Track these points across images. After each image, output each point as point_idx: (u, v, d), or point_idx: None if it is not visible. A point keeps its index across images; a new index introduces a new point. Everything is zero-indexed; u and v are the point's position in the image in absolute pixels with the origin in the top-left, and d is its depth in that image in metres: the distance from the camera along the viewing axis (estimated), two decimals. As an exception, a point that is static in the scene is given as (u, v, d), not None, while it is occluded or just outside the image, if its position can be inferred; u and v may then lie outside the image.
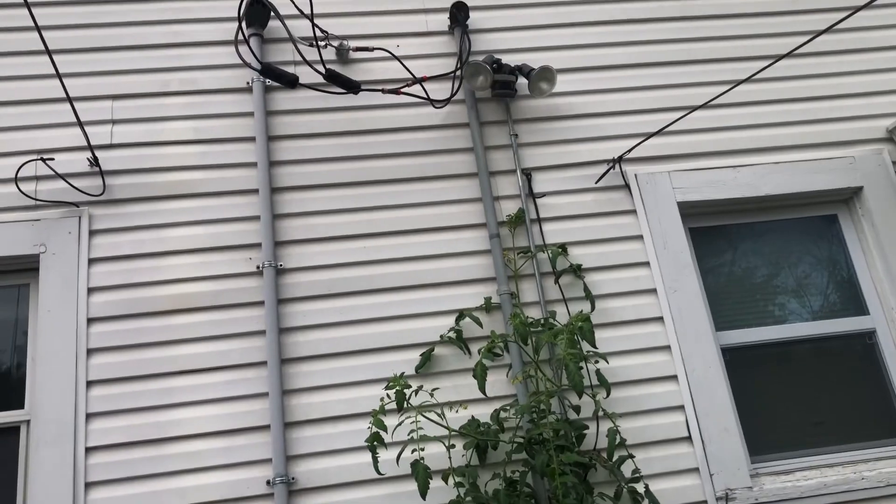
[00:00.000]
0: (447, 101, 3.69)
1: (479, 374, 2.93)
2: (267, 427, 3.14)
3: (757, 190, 3.74)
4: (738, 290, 3.75)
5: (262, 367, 3.23)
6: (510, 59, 3.74)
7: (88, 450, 3.06)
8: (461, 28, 3.79)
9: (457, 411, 3.15)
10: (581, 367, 2.85)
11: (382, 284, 3.43)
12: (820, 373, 3.64)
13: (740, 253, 3.83)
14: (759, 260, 3.83)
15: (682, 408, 3.35)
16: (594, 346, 3.01)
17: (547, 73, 3.61)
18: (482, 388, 2.90)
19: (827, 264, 3.86)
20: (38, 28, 2.71)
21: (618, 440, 2.95)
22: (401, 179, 3.62)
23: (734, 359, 3.56)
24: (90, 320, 3.23)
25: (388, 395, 2.88)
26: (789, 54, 3.04)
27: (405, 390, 2.84)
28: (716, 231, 3.83)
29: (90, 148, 3.34)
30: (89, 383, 3.14)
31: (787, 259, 3.85)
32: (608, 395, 3.11)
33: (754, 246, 3.85)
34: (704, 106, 3.50)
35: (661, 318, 3.48)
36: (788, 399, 3.58)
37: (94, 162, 3.38)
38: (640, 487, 3.06)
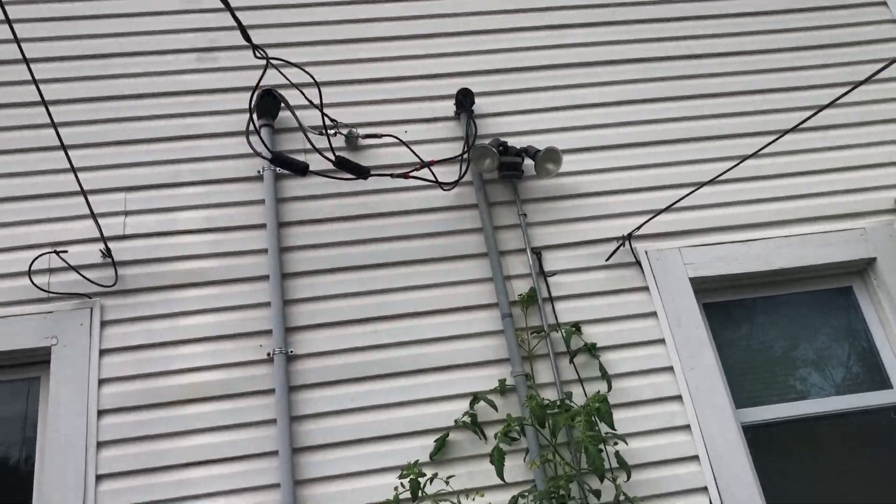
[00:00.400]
0: (455, 184, 3.72)
1: (497, 459, 2.87)
2: (279, 520, 3.07)
3: (769, 264, 3.71)
4: (756, 366, 3.68)
5: (274, 457, 3.16)
6: (516, 142, 3.80)
7: (96, 547, 2.99)
8: (467, 113, 3.86)
9: (473, 499, 3.06)
10: (601, 450, 2.78)
11: (394, 368, 3.39)
12: (845, 449, 3.54)
13: (757, 327, 3.78)
14: (776, 334, 3.78)
15: (705, 489, 3.24)
16: (612, 428, 2.95)
17: (553, 154, 3.65)
18: (500, 474, 2.84)
19: (845, 337, 3.80)
20: (54, 125, 2.79)
21: (641, 526, 2.86)
22: (411, 261, 3.62)
23: (755, 436, 3.47)
24: (101, 412, 3.19)
25: (402, 484, 2.81)
26: (795, 128, 3.06)
27: (419, 478, 2.78)
28: (730, 306, 3.79)
29: (103, 239, 3.37)
30: (99, 477, 3.08)
31: (805, 333, 3.79)
32: (629, 478, 3.03)
33: (770, 320, 3.80)
34: (712, 181, 3.51)
35: (679, 397, 3.41)
36: (813, 478, 3.47)
37: (107, 253, 3.41)
38: (666, 575, 2.95)
